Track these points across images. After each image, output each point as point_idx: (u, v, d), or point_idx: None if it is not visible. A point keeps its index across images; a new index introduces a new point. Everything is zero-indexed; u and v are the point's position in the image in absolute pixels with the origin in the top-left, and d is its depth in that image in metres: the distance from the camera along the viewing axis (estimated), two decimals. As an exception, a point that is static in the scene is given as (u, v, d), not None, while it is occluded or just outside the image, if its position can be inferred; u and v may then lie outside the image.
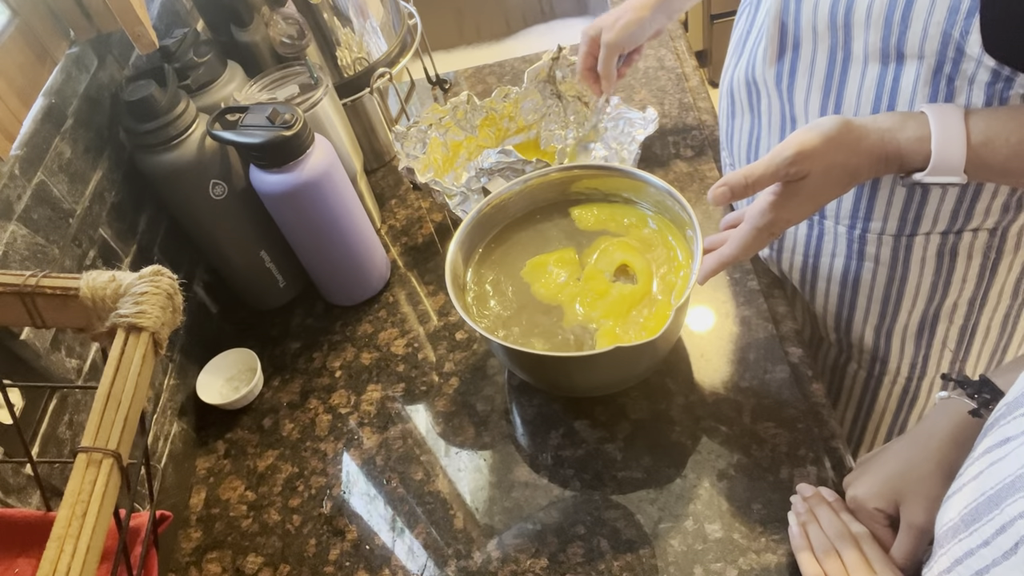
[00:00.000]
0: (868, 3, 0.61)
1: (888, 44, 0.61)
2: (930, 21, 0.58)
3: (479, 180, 0.91)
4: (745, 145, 0.83)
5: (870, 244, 0.75)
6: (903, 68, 0.62)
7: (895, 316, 0.80)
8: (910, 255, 0.74)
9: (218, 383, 0.90)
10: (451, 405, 0.84)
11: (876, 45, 0.62)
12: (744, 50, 0.78)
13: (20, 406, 0.64)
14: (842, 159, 0.60)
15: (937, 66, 0.60)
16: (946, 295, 0.76)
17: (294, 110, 0.81)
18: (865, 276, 0.78)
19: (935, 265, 0.74)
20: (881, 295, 0.78)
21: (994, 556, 0.40)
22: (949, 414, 0.59)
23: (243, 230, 0.91)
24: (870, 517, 0.60)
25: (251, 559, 0.76)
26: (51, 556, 0.36)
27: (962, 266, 0.73)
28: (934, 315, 0.78)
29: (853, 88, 0.67)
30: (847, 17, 0.63)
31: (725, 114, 0.87)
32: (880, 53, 0.63)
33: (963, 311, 0.77)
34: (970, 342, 0.81)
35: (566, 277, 0.79)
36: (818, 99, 0.70)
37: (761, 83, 0.75)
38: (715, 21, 2.46)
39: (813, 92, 0.70)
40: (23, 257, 0.68)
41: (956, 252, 0.72)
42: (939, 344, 0.81)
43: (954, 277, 0.74)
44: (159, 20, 1.01)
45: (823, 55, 0.67)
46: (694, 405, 0.77)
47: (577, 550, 0.69)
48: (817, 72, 0.69)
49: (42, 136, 0.74)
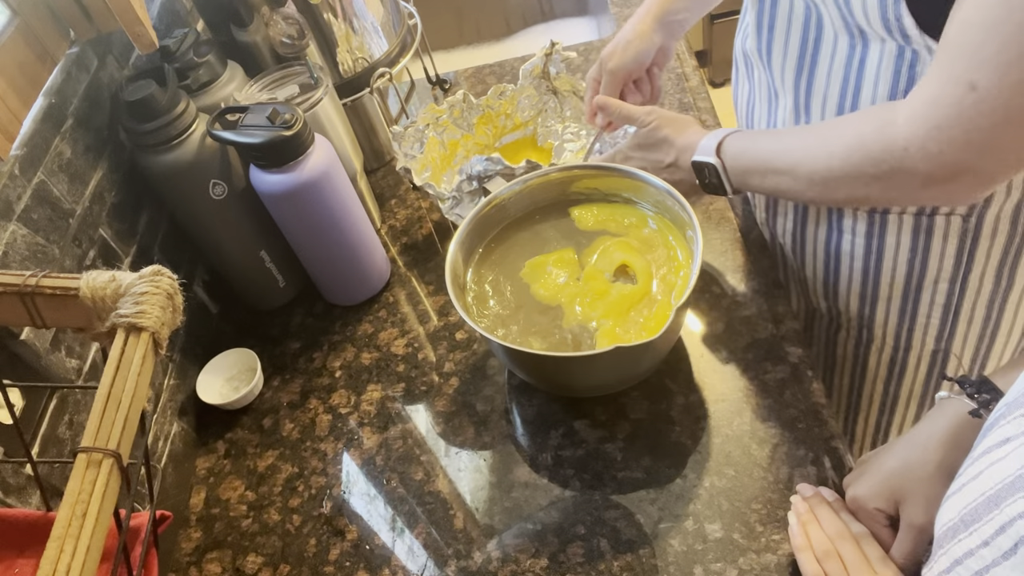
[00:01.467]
0: None
1: (845, 20, 0.64)
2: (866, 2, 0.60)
3: (470, 184, 0.91)
4: (744, 110, 0.88)
5: (847, 217, 0.78)
6: (868, 50, 0.65)
7: (876, 285, 0.82)
8: (885, 231, 0.76)
9: (218, 383, 0.90)
10: (451, 405, 0.84)
11: (839, 20, 0.65)
12: (744, 21, 0.82)
13: (20, 406, 0.64)
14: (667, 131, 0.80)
15: (899, 50, 0.62)
16: (925, 271, 0.78)
17: (294, 110, 0.81)
18: (845, 247, 0.81)
19: (911, 242, 0.76)
20: (861, 265, 0.81)
21: (994, 556, 0.40)
22: (949, 414, 0.59)
23: (243, 230, 0.91)
24: (870, 517, 0.60)
25: (251, 559, 0.76)
26: (51, 556, 0.36)
27: (938, 245, 0.75)
28: (916, 289, 0.80)
29: (824, 65, 0.70)
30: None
31: (734, 80, 0.91)
32: (846, 29, 0.65)
33: (944, 289, 0.79)
34: (954, 323, 0.82)
35: (566, 277, 0.79)
36: (792, 74, 0.74)
37: (752, 54, 0.79)
38: (715, 21, 2.46)
39: (788, 68, 0.74)
40: (23, 257, 0.68)
41: (931, 232, 0.74)
42: (923, 318, 0.83)
43: (931, 255, 0.76)
44: (159, 20, 1.01)
45: (797, 31, 0.71)
46: (694, 405, 0.77)
47: (577, 550, 0.69)
48: (791, 47, 0.73)
49: (42, 136, 0.74)
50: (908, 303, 0.82)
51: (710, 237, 0.92)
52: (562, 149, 1.01)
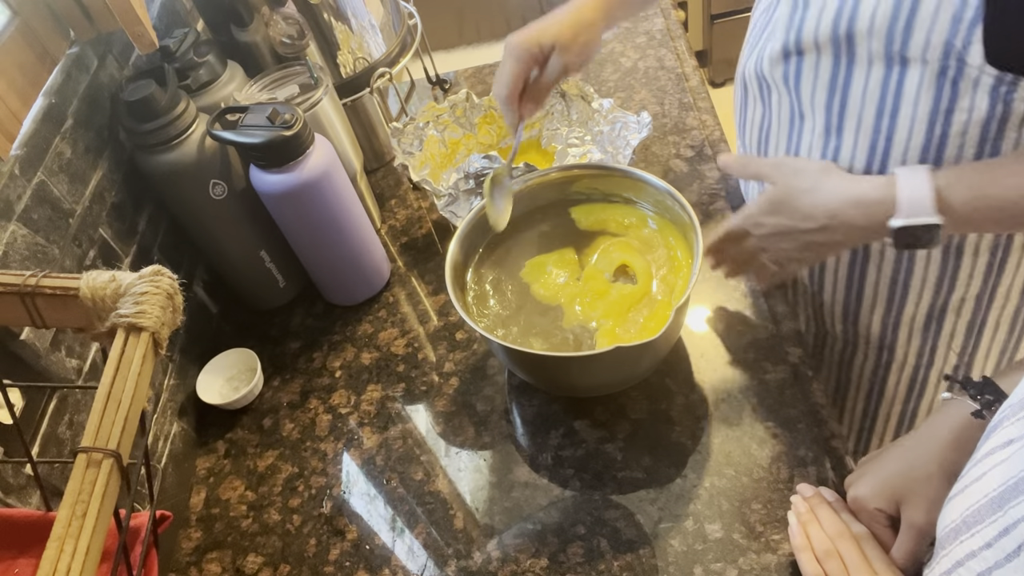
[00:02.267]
0: (871, 14, 0.61)
1: (891, 51, 0.62)
2: (933, 30, 0.58)
3: (467, 183, 0.90)
4: (756, 135, 0.84)
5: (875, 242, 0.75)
6: (907, 71, 0.62)
7: (901, 307, 0.80)
8: (914, 252, 0.74)
9: (218, 383, 0.90)
10: (451, 405, 0.83)
11: (880, 51, 0.63)
12: (757, 45, 0.78)
13: (20, 406, 0.64)
14: (805, 186, 0.68)
15: (941, 70, 0.60)
16: (952, 290, 0.76)
17: (294, 110, 0.81)
18: (871, 270, 0.78)
19: (940, 261, 0.74)
20: (887, 288, 0.79)
21: (996, 558, 0.40)
22: (951, 415, 0.59)
23: (243, 230, 0.91)
24: (871, 517, 0.60)
25: (251, 559, 0.76)
26: (51, 556, 0.36)
27: (968, 262, 0.73)
28: (941, 309, 0.78)
29: (858, 89, 0.67)
30: (850, 28, 0.63)
31: (739, 103, 0.87)
32: (884, 57, 0.63)
33: (971, 306, 0.77)
34: (978, 338, 0.81)
35: (566, 277, 0.79)
36: (823, 97, 0.70)
37: (770, 79, 0.76)
38: (715, 21, 2.46)
39: (819, 91, 0.70)
40: (23, 257, 0.68)
41: (962, 250, 0.72)
42: (947, 337, 0.81)
43: (960, 273, 0.74)
44: (159, 20, 1.01)
45: (827, 59, 0.68)
46: (694, 405, 0.77)
47: (577, 550, 0.69)
48: (822, 73, 0.69)
49: (42, 136, 0.74)
50: (932, 322, 0.80)
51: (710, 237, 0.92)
52: (566, 153, 1.01)
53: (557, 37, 0.74)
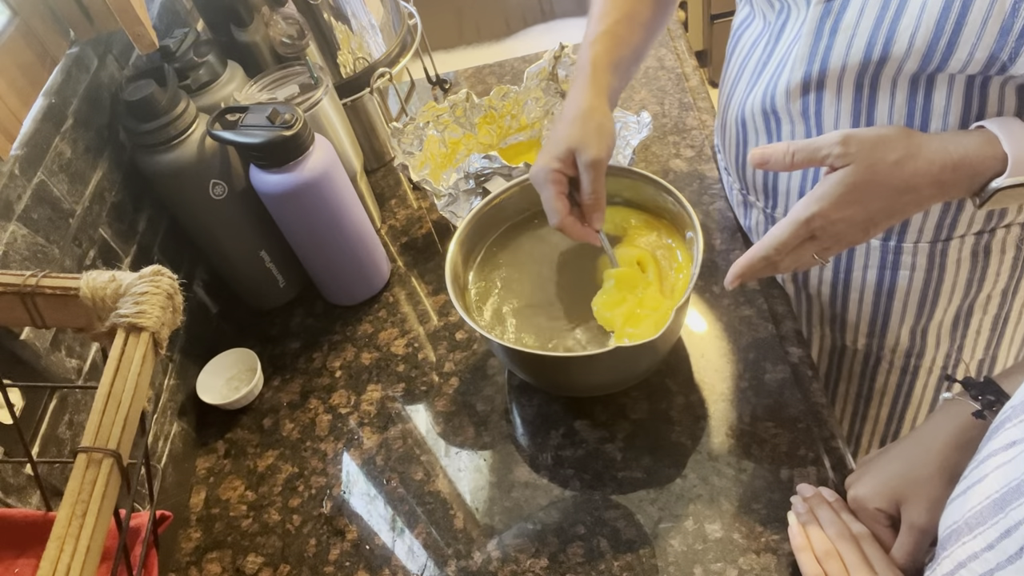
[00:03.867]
0: (911, 33, 0.57)
1: (926, 70, 0.59)
2: (978, 45, 0.54)
3: (467, 183, 0.91)
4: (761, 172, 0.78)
5: (905, 254, 0.74)
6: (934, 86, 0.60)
7: (931, 315, 0.79)
8: (946, 259, 0.73)
9: (218, 383, 0.90)
10: (451, 405, 0.83)
11: (910, 72, 0.60)
12: (759, 80, 0.73)
13: (20, 406, 0.64)
14: (894, 157, 0.57)
15: (967, 80, 0.59)
16: (980, 289, 0.76)
17: (294, 110, 0.81)
18: (901, 283, 0.76)
19: (970, 263, 0.73)
20: (917, 299, 0.77)
21: (998, 560, 0.40)
22: (952, 415, 0.59)
23: (243, 230, 0.91)
24: (871, 517, 0.60)
25: (251, 559, 0.76)
26: (51, 556, 0.36)
27: (996, 261, 0.73)
28: (968, 309, 0.78)
29: (884, 107, 0.64)
30: (885, 50, 0.59)
31: (734, 142, 0.80)
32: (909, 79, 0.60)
33: (996, 301, 0.77)
34: (1003, 330, 0.81)
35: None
36: (847, 123, 0.67)
37: (783, 112, 0.71)
38: (715, 21, 2.46)
39: (842, 117, 0.67)
40: (23, 257, 0.68)
41: (990, 249, 0.72)
42: (973, 334, 0.81)
43: (988, 272, 0.74)
44: (159, 20, 1.01)
45: (850, 83, 0.64)
46: (694, 405, 0.77)
47: (577, 550, 0.69)
48: (844, 102, 0.65)
49: (42, 136, 0.74)
50: (960, 322, 0.79)
51: (710, 237, 0.92)
52: None
53: (568, 141, 0.70)
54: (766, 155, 0.62)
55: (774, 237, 0.61)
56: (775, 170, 0.63)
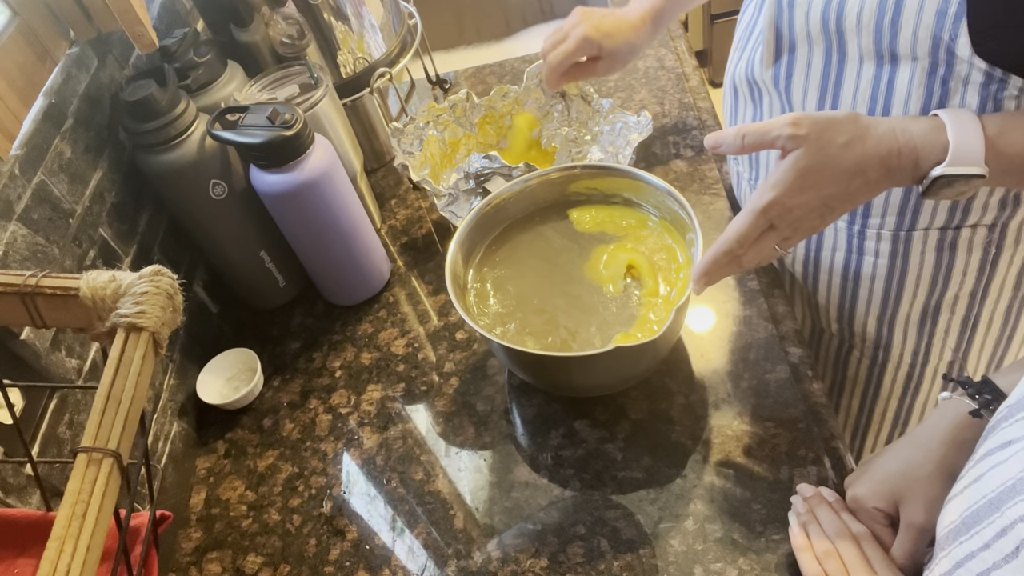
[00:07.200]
0: (858, 9, 0.61)
1: (881, 47, 0.62)
2: (919, 25, 0.58)
3: (467, 183, 0.91)
4: None
5: (869, 239, 0.76)
6: (898, 69, 0.63)
7: (896, 306, 0.80)
8: (909, 249, 0.74)
9: (218, 383, 0.90)
10: (451, 405, 0.83)
11: (870, 47, 0.63)
12: (745, 49, 0.78)
13: (20, 406, 0.64)
14: (843, 139, 0.57)
15: (931, 67, 0.61)
16: (947, 287, 0.76)
17: (294, 110, 0.81)
18: (866, 269, 0.79)
19: (935, 259, 0.74)
20: (882, 287, 0.79)
21: (995, 559, 0.40)
22: (950, 415, 0.59)
23: (243, 230, 0.91)
24: (870, 517, 0.60)
25: (251, 559, 0.76)
26: (51, 556, 0.36)
27: (962, 260, 0.74)
28: (935, 306, 0.79)
29: (849, 88, 0.67)
30: (838, 22, 0.63)
31: (729, 109, 0.86)
32: (874, 54, 0.63)
33: (964, 303, 0.78)
34: (972, 333, 0.81)
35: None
36: (815, 98, 0.71)
37: (760, 82, 0.76)
38: (715, 21, 2.46)
39: (810, 92, 0.70)
40: (23, 257, 0.68)
41: (956, 246, 0.73)
42: (941, 333, 0.82)
43: (954, 270, 0.75)
44: (159, 20, 1.01)
45: (819, 57, 0.68)
46: (694, 405, 0.77)
47: (577, 550, 0.69)
48: (813, 73, 0.69)
49: (42, 136, 0.74)
50: (927, 319, 0.80)
51: (710, 237, 0.92)
52: (566, 153, 1.01)
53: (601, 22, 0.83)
54: (718, 139, 0.63)
55: (734, 230, 0.61)
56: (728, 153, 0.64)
